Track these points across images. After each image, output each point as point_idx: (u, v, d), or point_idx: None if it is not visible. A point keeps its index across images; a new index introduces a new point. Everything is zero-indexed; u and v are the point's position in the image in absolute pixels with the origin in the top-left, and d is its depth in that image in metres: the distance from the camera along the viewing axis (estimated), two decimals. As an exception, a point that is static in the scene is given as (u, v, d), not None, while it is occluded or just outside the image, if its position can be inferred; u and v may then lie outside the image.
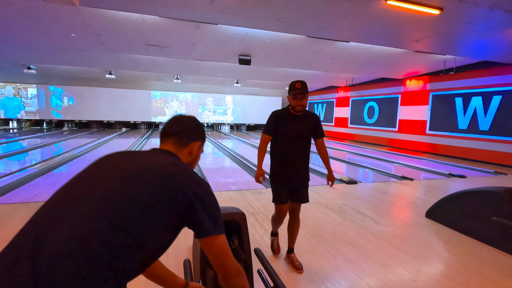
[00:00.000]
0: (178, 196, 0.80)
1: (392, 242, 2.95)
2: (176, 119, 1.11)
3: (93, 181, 0.82)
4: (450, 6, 4.02)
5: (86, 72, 13.08)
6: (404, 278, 2.29)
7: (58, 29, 6.02)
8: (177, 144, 1.04)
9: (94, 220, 0.70)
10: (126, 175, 0.81)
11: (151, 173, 0.82)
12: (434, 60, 8.19)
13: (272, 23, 4.93)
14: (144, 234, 0.74)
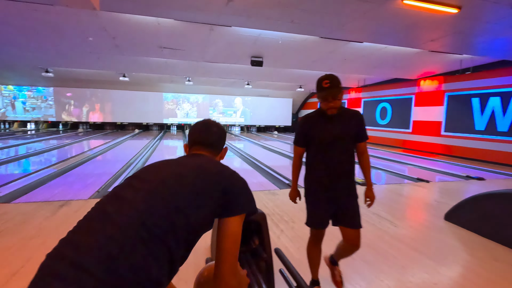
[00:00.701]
0: (225, 189, 0.94)
1: (411, 244, 2.91)
2: (207, 130, 1.17)
3: (154, 176, 0.92)
4: (469, 4, 3.94)
5: (100, 75, 13.39)
6: (426, 281, 2.25)
7: (77, 34, 6.19)
8: (212, 153, 1.16)
9: (159, 204, 0.83)
10: (183, 170, 0.95)
11: (204, 170, 0.97)
12: (450, 60, 8.02)
13: (286, 24, 4.94)
14: (195, 217, 0.86)
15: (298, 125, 1.96)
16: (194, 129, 1.19)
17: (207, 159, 1.08)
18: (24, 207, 3.64)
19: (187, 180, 0.91)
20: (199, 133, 1.16)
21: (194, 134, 1.17)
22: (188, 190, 0.88)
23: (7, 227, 3.00)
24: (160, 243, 0.76)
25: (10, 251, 2.51)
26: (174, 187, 0.88)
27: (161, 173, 0.93)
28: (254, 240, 1.96)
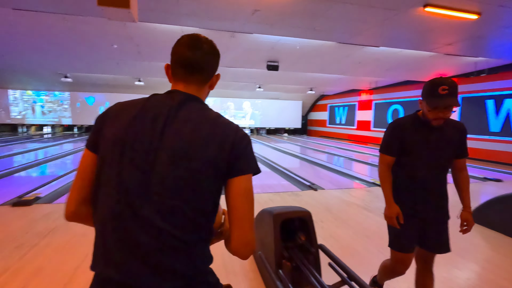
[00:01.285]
0: (231, 149, 0.78)
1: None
2: (195, 45, 0.85)
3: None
4: (489, 10, 4.06)
5: (115, 80, 13.75)
6: (459, 277, 2.38)
7: (103, 41, 6.47)
8: (202, 81, 0.88)
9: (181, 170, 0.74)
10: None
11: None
12: (464, 62, 8.09)
13: (308, 31, 5.12)
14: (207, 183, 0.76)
15: (389, 131, 1.70)
16: (179, 44, 0.86)
17: (204, 112, 0.84)
18: (65, 207, 3.86)
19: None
20: (186, 50, 0.84)
21: (179, 52, 0.86)
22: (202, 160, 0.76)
23: (57, 225, 3.22)
24: None
25: (67, 247, 2.73)
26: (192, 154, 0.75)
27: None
28: (300, 236, 2.12)
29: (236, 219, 0.79)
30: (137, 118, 0.78)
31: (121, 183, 0.74)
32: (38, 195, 4.24)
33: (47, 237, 2.92)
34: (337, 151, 11.14)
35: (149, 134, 0.76)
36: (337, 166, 7.90)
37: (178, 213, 0.74)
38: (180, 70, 0.86)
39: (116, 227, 0.74)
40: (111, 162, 0.75)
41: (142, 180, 0.73)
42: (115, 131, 0.77)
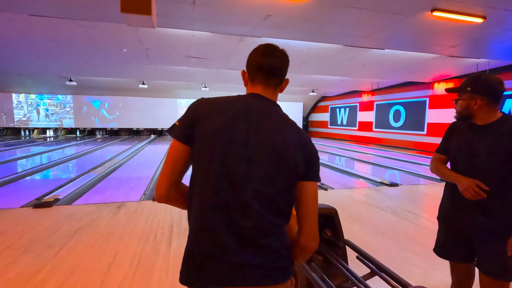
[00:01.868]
0: (309, 155, 0.92)
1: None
2: (272, 53, 0.97)
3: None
4: (494, 14, 4.21)
5: (119, 83, 13.84)
6: (475, 269, 2.50)
7: (113, 46, 6.58)
8: (277, 84, 1.00)
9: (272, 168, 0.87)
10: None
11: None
12: (466, 63, 8.24)
13: (317, 35, 5.26)
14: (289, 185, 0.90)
15: (445, 133, 1.67)
16: (255, 53, 0.99)
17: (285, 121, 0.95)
18: (85, 208, 3.96)
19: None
20: (263, 58, 0.96)
21: (257, 59, 0.97)
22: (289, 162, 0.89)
23: (81, 226, 3.32)
24: None
25: (96, 246, 2.82)
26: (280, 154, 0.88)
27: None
28: (326, 232, 2.24)
29: (306, 215, 0.92)
30: (233, 117, 0.89)
31: (224, 173, 0.85)
32: (57, 197, 4.33)
33: (75, 237, 3.02)
34: (341, 152, 11.28)
35: (245, 132, 0.88)
36: (342, 166, 8.03)
37: (271, 201, 0.86)
38: (259, 75, 0.98)
39: (219, 212, 0.85)
40: (213, 155, 0.85)
41: (243, 171, 0.85)
42: (215, 128, 0.87)
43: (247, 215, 0.84)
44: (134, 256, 2.62)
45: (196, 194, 0.89)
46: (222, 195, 0.85)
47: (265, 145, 0.87)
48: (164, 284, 2.19)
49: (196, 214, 0.88)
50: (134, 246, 2.84)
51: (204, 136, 0.88)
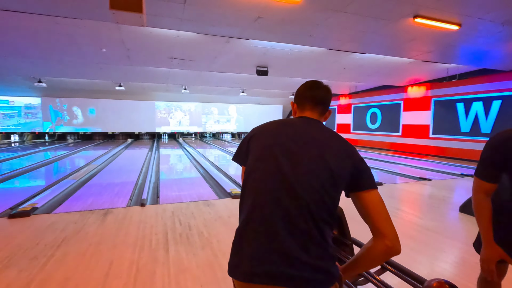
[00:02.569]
0: (355, 166, 0.99)
1: (443, 233, 3.31)
2: (318, 87, 1.13)
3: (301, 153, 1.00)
4: (469, 22, 4.52)
5: (93, 84, 13.20)
6: (471, 260, 2.63)
7: (92, 45, 6.26)
8: (322, 112, 1.14)
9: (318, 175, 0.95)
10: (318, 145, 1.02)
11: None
12: (437, 68, 8.77)
13: (305, 38, 5.34)
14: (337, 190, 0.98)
15: (491, 147, 1.32)
16: (304, 87, 1.15)
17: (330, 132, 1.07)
18: (68, 216, 3.70)
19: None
20: (311, 91, 1.12)
21: (305, 92, 1.13)
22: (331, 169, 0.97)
23: (67, 235, 3.10)
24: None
25: (87, 256, 2.64)
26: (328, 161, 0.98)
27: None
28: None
29: (383, 220, 0.95)
30: (281, 131, 1.05)
31: (278, 172, 0.96)
32: (35, 205, 4.01)
33: (61, 247, 2.81)
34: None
35: (292, 140, 1.01)
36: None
37: (308, 208, 0.93)
38: (308, 104, 1.14)
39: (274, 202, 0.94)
40: (265, 159, 1.01)
41: (285, 172, 0.96)
42: (264, 141, 1.05)
43: (296, 221, 0.91)
44: (131, 265, 2.48)
45: (244, 199, 1.02)
46: (277, 188, 0.95)
47: (310, 150, 0.98)
48: (169, 292, 2.09)
49: (247, 221, 0.97)
50: (129, 254, 2.69)
51: (254, 150, 1.06)
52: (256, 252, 0.91)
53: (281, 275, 0.87)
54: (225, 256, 2.67)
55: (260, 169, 1.00)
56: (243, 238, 0.95)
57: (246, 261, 0.91)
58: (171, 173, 7.32)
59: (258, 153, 1.04)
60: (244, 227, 0.96)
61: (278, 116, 20.55)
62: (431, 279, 1.54)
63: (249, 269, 0.90)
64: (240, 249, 0.95)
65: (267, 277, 0.88)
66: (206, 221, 3.60)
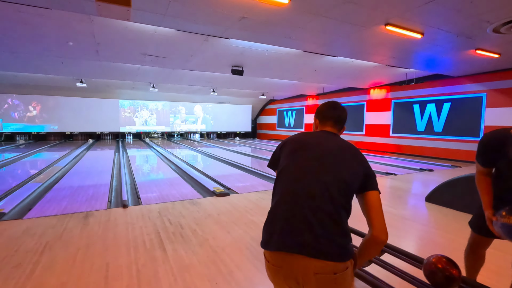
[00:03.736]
0: (364, 171, 1.21)
1: (416, 220, 3.68)
2: (337, 107, 1.37)
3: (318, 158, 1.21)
4: (430, 31, 5.04)
5: (52, 80, 12.16)
6: (440, 241, 2.98)
7: (58, 37, 5.81)
8: (340, 129, 1.38)
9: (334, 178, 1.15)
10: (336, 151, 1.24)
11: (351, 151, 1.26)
12: (398, 73, 9.57)
13: (284, 40, 5.51)
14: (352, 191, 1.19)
15: (480, 144, 1.69)
16: (326, 107, 1.38)
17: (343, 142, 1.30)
18: (43, 221, 3.43)
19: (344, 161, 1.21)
20: (332, 111, 1.35)
21: (327, 112, 1.36)
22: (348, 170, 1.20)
23: (49, 240, 2.89)
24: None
25: (79, 260, 2.50)
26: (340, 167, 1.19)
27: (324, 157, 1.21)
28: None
29: (376, 215, 1.16)
30: (307, 139, 1.30)
31: (305, 166, 1.19)
32: (2, 211, 3.65)
33: (46, 253, 2.62)
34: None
35: (316, 145, 1.24)
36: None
37: (330, 196, 1.12)
38: (329, 122, 1.37)
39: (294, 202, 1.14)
40: (294, 157, 1.24)
41: (312, 168, 1.17)
42: (294, 145, 1.29)
43: (316, 212, 1.10)
44: (129, 266, 2.41)
45: (276, 193, 1.25)
46: (298, 182, 1.18)
47: (329, 153, 1.21)
48: (179, 289, 2.09)
49: (278, 203, 1.18)
50: (124, 256, 2.60)
51: (285, 153, 1.29)
52: (287, 227, 1.10)
53: (307, 246, 1.05)
54: (224, 251, 2.71)
55: (290, 164, 1.23)
56: (275, 217, 1.16)
57: (278, 235, 1.11)
58: (147, 174, 7.06)
59: (289, 153, 1.27)
60: (276, 208, 1.18)
61: (247, 116, 20.71)
62: (430, 256, 1.76)
63: (281, 240, 1.10)
64: (272, 226, 1.15)
65: (296, 246, 1.07)
66: (197, 219, 3.58)
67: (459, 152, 9.26)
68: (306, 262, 1.06)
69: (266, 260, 1.19)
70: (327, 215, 1.08)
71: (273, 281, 1.18)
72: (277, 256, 1.12)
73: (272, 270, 1.15)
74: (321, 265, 1.05)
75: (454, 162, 9.05)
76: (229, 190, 5.09)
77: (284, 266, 1.10)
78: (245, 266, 2.44)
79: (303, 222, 1.08)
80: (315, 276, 1.06)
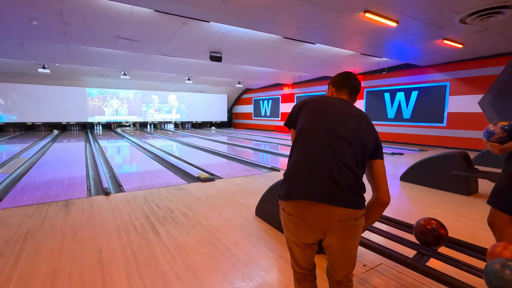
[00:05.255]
0: (376, 139, 1.30)
1: (395, 197, 3.94)
2: (354, 77, 1.43)
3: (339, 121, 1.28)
4: (405, 20, 5.28)
5: (9, 66, 11.13)
6: (415, 213, 3.23)
7: (19, 15, 5.31)
8: (354, 99, 1.46)
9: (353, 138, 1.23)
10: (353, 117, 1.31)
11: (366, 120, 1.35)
12: (370, 62, 9.95)
13: (265, 25, 5.49)
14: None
15: None
16: (342, 76, 1.44)
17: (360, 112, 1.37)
18: (19, 211, 3.22)
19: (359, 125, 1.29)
20: (350, 80, 1.41)
21: (344, 81, 1.42)
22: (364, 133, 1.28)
23: (29, 229, 2.72)
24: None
25: (68, 246, 2.39)
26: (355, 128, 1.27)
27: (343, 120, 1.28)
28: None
29: (380, 181, 1.27)
30: (326, 101, 1.35)
31: (327, 124, 1.25)
32: (-32, 203, 3.36)
33: (29, 241, 2.48)
34: (268, 141, 11.99)
35: (338, 109, 1.30)
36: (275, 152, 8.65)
37: (352, 152, 1.20)
38: (346, 90, 1.43)
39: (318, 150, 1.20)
40: (316, 115, 1.29)
41: (335, 126, 1.23)
42: (314, 105, 1.33)
43: (338, 169, 1.17)
44: (123, 249, 2.36)
45: (295, 149, 1.27)
46: (321, 141, 1.22)
47: (346, 116, 1.27)
48: (181, 269, 2.09)
49: (298, 158, 1.24)
50: (115, 240, 2.53)
51: (304, 113, 1.33)
52: (311, 178, 1.16)
53: (332, 196, 1.13)
54: (219, 231, 2.73)
55: (314, 122, 1.27)
56: (299, 168, 1.20)
57: (303, 184, 1.16)
58: (126, 164, 6.80)
59: (311, 113, 1.31)
60: (299, 160, 1.22)
61: (223, 105, 20.49)
62: (419, 219, 1.91)
63: (306, 190, 1.15)
64: (295, 176, 1.20)
65: (321, 196, 1.13)
66: (185, 203, 3.55)
67: (425, 137, 9.93)
68: (331, 210, 1.13)
69: (287, 215, 1.22)
70: (349, 169, 1.16)
71: (297, 234, 1.22)
72: (301, 207, 1.17)
73: (296, 223, 1.19)
74: (344, 212, 1.13)
75: (421, 146, 9.71)
76: (213, 176, 5.07)
77: (309, 216, 1.16)
78: (241, 243, 2.48)
79: (327, 173, 1.14)
80: (339, 223, 1.14)
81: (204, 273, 2.02)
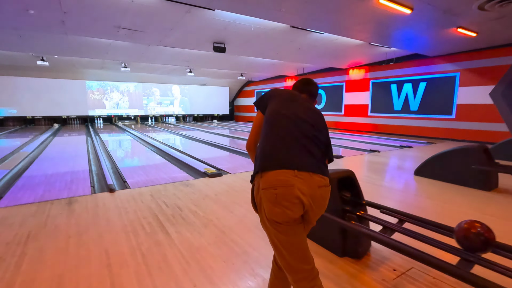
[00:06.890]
0: (327, 136, 1.44)
1: (411, 192, 3.77)
2: (310, 83, 1.62)
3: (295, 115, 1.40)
4: (419, 7, 5.03)
5: (8, 58, 10.87)
6: (436, 209, 3.06)
7: (15, 4, 5.07)
8: (313, 101, 1.63)
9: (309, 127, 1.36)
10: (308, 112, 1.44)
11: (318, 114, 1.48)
12: (378, 52, 9.67)
13: (273, 12, 5.24)
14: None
15: None
16: (301, 83, 1.63)
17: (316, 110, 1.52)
18: (21, 209, 3.06)
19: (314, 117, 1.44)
20: (306, 86, 1.61)
21: (303, 86, 1.61)
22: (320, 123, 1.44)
23: (31, 230, 2.56)
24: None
25: (72, 249, 2.24)
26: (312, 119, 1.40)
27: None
28: (345, 194, 2.36)
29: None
30: (292, 95, 1.48)
31: (291, 113, 1.37)
32: (-33, 201, 3.20)
33: (30, 244, 2.32)
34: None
35: (304, 100, 1.48)
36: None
37: (314, 139, 1.33)
38: (304, 95, 1.57)
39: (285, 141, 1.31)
40: (282, 106, 1.40)
41: (307, 115, 1.38)
42: (282, 97, 1.46)
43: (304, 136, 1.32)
44: (132, 252, 2.20)
45: (263, 139, 1.37)
46: (285, 134, 1.33)
47: (303, 113, 1.39)
48: (197, 275, 1.93)
49: (265, 147, 1.32)
50: (123, 241, 2.37)
51: (270, 110, 1.42)
52: (288, 151, 1.26)
53: (309, 164, 1.24)
54: (233, 230, 2.57)
55: (284, 107, 1.40)
56: (274, 143, 1.29)
57: (283, 155, 1.26)
58: (129, 158, 6.64)
59: (281, 100, 1.44)
60: (273, 137, 1.31)
61: (225, 98, 20.22)
62: (461, 221, 1.74)
63: (281, 162, 1.23)
64: (272, 151, 1.28)
65: (301, 164, 1.23)
66: (194, 200, 3.39)
67: (433, 130, 9.73)
68: (311, 177, 1.22)
69: (272, 190, 1.21)
70: (316, 146, 1.32)
71: (283, 206, 1.19)
72: (282, 177, 1.20)
73: (281, 195, 1.19)
74: (320, 179, 1.25)
75: (428, 139, 9.51)
76: (220, 170, 4.90)
77: (294, 184, 1.19)
78: (258, 245, 2.32)
79: (302, 146, 1.28)
80: (319, 189, 1.24)
81: (222, 279, 1.86)
